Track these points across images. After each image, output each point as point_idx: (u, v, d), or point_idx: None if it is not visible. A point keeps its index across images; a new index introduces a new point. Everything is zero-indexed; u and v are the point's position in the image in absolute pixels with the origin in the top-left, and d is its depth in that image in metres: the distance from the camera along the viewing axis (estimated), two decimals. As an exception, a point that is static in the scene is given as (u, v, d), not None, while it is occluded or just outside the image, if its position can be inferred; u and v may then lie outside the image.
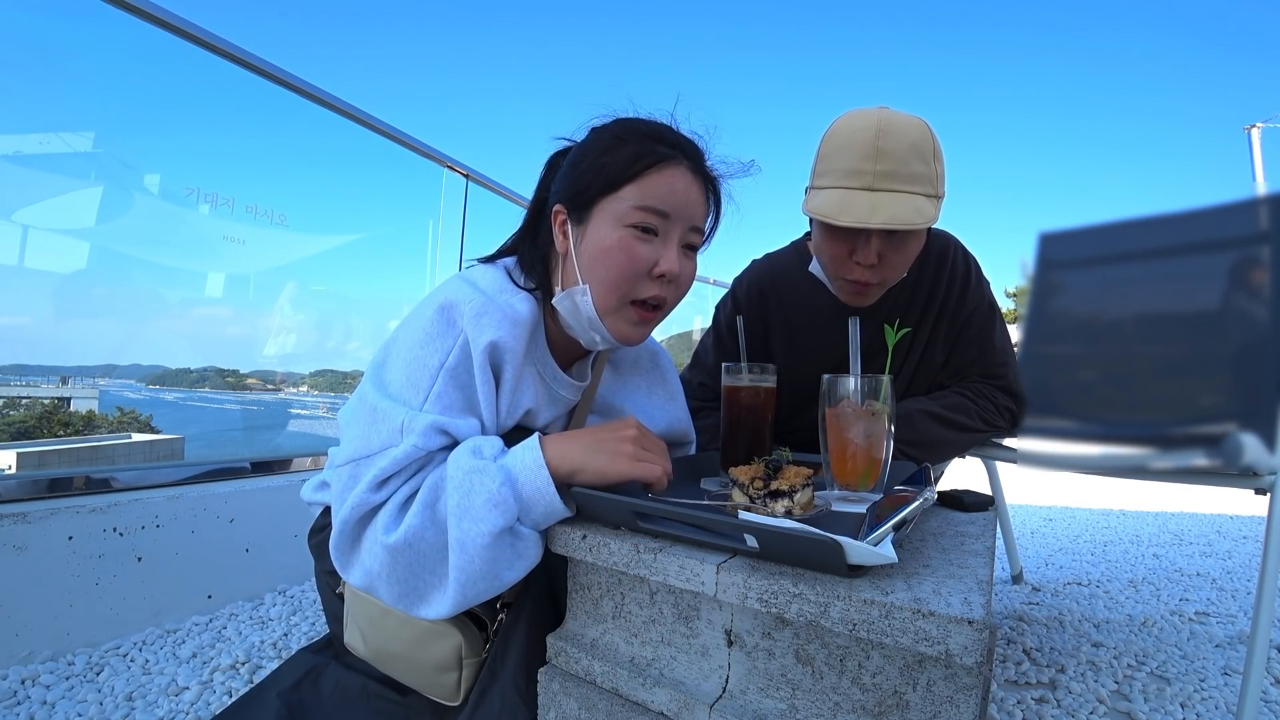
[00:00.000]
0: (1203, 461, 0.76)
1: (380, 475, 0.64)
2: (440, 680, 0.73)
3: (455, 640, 0.71)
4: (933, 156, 0.89)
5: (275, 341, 3.14)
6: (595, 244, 0.73)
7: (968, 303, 1.09)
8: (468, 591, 0.63)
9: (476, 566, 0.62)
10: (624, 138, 0.75)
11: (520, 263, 0.82)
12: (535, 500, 0.64)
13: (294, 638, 1.26)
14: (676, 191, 0.73)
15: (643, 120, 0.78)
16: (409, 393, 0.68)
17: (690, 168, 0.75)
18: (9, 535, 1.10)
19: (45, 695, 1.01)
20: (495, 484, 0.62)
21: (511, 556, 0.63)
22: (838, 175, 0.89)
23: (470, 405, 0.70)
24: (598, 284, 0.73)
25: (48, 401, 9.46)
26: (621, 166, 0.73)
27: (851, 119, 0.91)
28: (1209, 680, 1.18)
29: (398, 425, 0.65)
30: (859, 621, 0.48)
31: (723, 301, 1.23)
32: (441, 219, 2.50)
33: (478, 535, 0.61)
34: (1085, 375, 0.81)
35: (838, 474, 0.71)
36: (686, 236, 0.76)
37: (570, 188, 0.76)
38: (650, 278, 0.74)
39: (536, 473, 0.64)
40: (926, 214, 0.87)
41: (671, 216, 0.73)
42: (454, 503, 0.62)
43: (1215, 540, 2.50)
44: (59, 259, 1.88)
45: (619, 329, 0.75)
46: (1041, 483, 3.90)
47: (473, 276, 0.77)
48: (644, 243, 0.73)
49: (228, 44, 1.57)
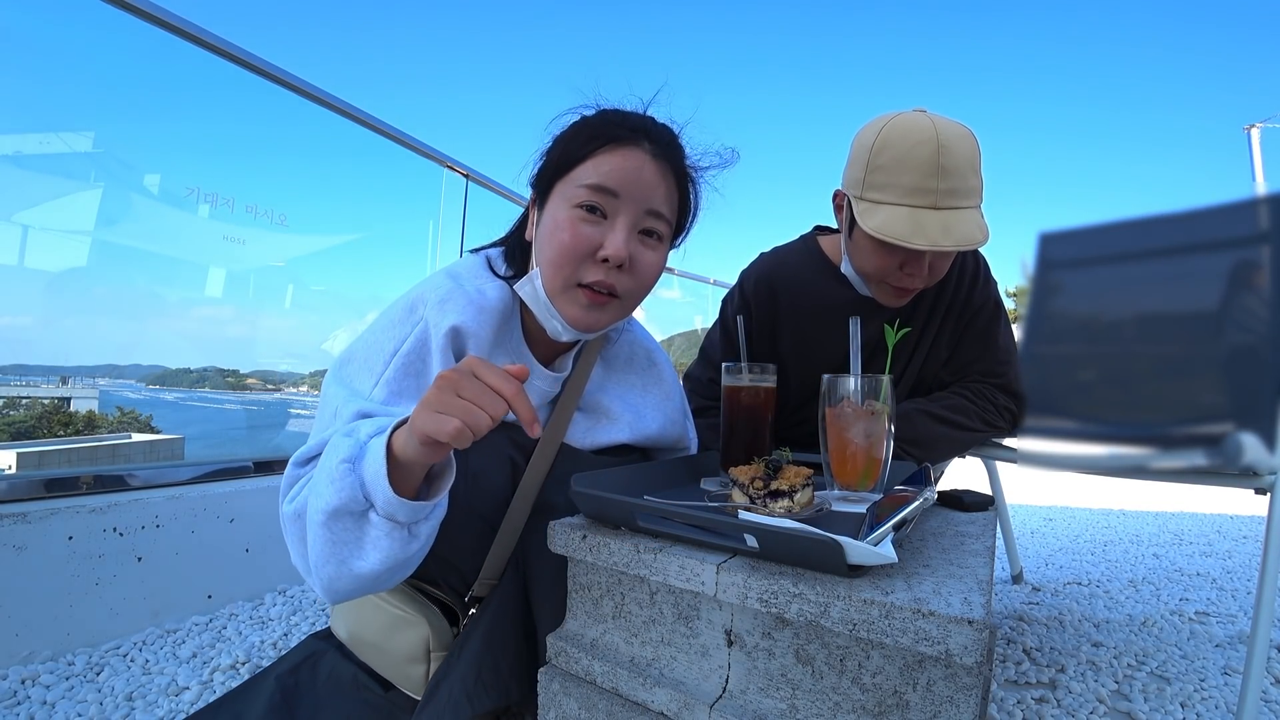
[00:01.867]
0: (1203, 461, 0.76)
1: (305, 454, 0.65)
2: (410, 672, 0.73)
3: (423, 631, 0.71)
4: (979, 166, 0.91)
5: (275, 341, 3.14)
6: (547, 225, 0.73)
7: (974, 301, 1.10)
8: (322, 573, 0.58)
9: (319, 548, 0.57)
10: (589, 121, 0.75)
11: (505, 251, 0.82)
12: (375, 483, 0.56)
13: (294, 638, 1.26)
14: (627, 170, 0.71)
15: (617, 109, 0.77)
16: (362, 378, 0.68)
17: (652, 151, 0.73)
18: (9, 535, 1.10)
19: (45, 695, 1.01)
20: (337, 459, 0.57)
21: (356, 543, 0.57)
22: (900, 192, 0.89)
23: (422, 393, 0.69)
24: (545, 265, 0.72)
25: (48, 401, 9.45)
26: (577, 146, 0.72)
27: (905, 130, 0.90)
28: (1209, 680, 1.18)
29: (333, 411, 0.66)
30: (859, 621, 0.48)
31: (730, 295, 1.23)
32: (441, 219, 2.50)
33: (315, 512, 0.57)
34: (1085, 375, 0.81)
35: (838, 474, 0.71)
36: (643, 221, 0.73)
37: (536, 172, 0.76)
38: (595, 260, 0.71)
39: (376, 452, 0.56)
40: (985, 228, 0.89)
41: (621, 196, 0.70)
42: (313, 476, 0.60)
43: (1215, 540, 2.50)
44: (59, 259, 1.88)
45: (569, 312, 0.72)
46: (1041, 483, 3.90)
47: (452, 266, 0.78)
48: (589, 224, 0.70)
49: (228, 44, 1.57)
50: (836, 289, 1.09)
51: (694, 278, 4.70)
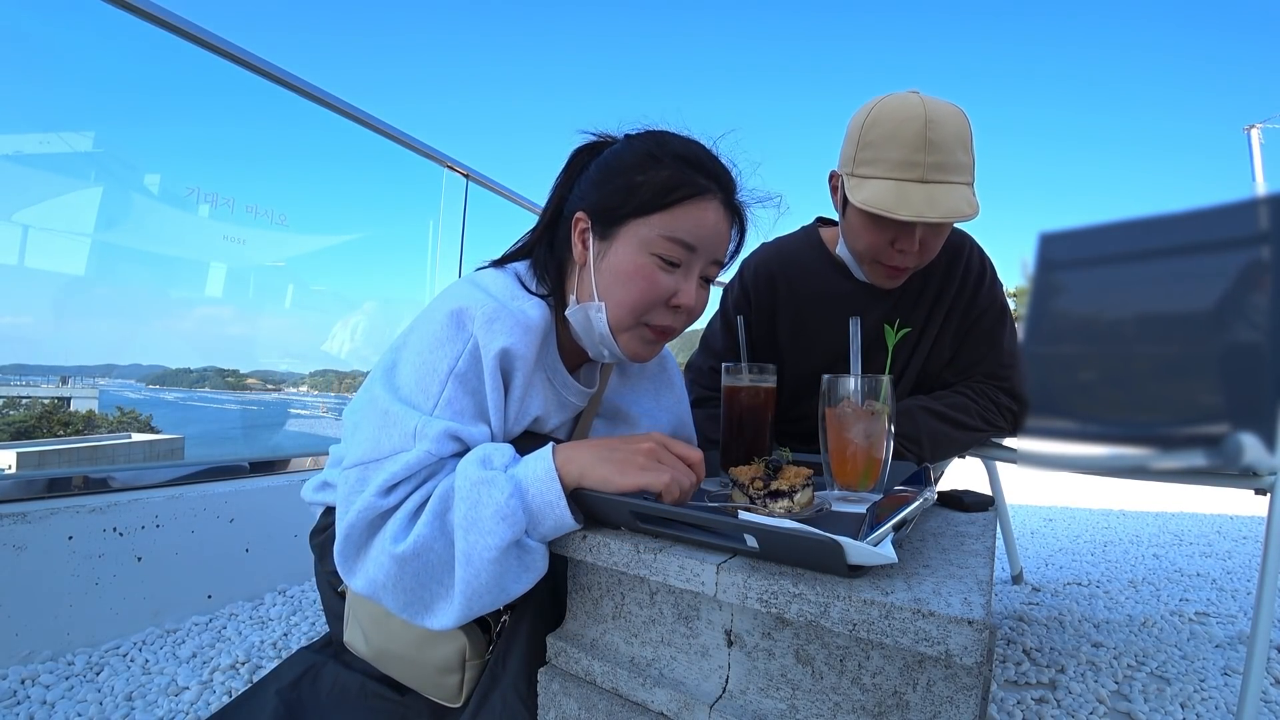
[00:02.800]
0: (1203, 461, 0.76)
1: (390, 480, 0.63)
2: (443, 682, 0.73)
3: (459, 642, 0.71)
4: (971, 144, 0.92)
5: (275, 341, 3.14)
6: (618, 264, 0.72)
7: (979, 302, 1.10)
8: (473, 604, 0.61)
9: (483, 580, 0.60)
10: (660, 158, 0.73)
11: (534, 265, 0.80)
12: (544, 513, 0.62)
13: (294, 638, 1.26)
14: (706, 226, 0.73)
15: (678, 138, 0.77)
16: (419, 397, 0.67)
17: (723, 201, 0.75)
18: (9, 535, 1.10)
19: (45, 695, 1.01)
20: (503, 496, 0.60)
21: (519, 570, 0.62)
22: (888, 166, 0.90)
23: (480, 411, 0.69)
24: (614, 304, 0.73)
25: (48, 401, 9.45)
26: (656, 193, 0.71)
27: (894, 107, 0.91)
28: (1209, 680, 1.18)
29: (410, 430, 0.64)
30: (859, 621, 0.48)
31: (730, 284, 1.23)
32: (441, 219, 2.50)
33: (485, 549, 0.60)
34: (1085, 375, 0.81)
35: (838, 474, 0.71)
36: (707, 269, 0.76)
37: (598, 200, 0.74)
38: (667, 306, 0.74)
39: (548, 485, 0.62)
40: (974, 204, 0.89)
41: (698, 250, 0.73)
42: (461, 514, 0.61)
43: (1215, 540, 2.50)
44: (59, 259, 1.88)
45: (631, 348, 0.75)
46: (1041, 483, 3.90)
47: (482, 281, 0.76)
48: (666, 273, 0.72)
49: (229, 44, 1.57)
50: (836, 279, 1.10)
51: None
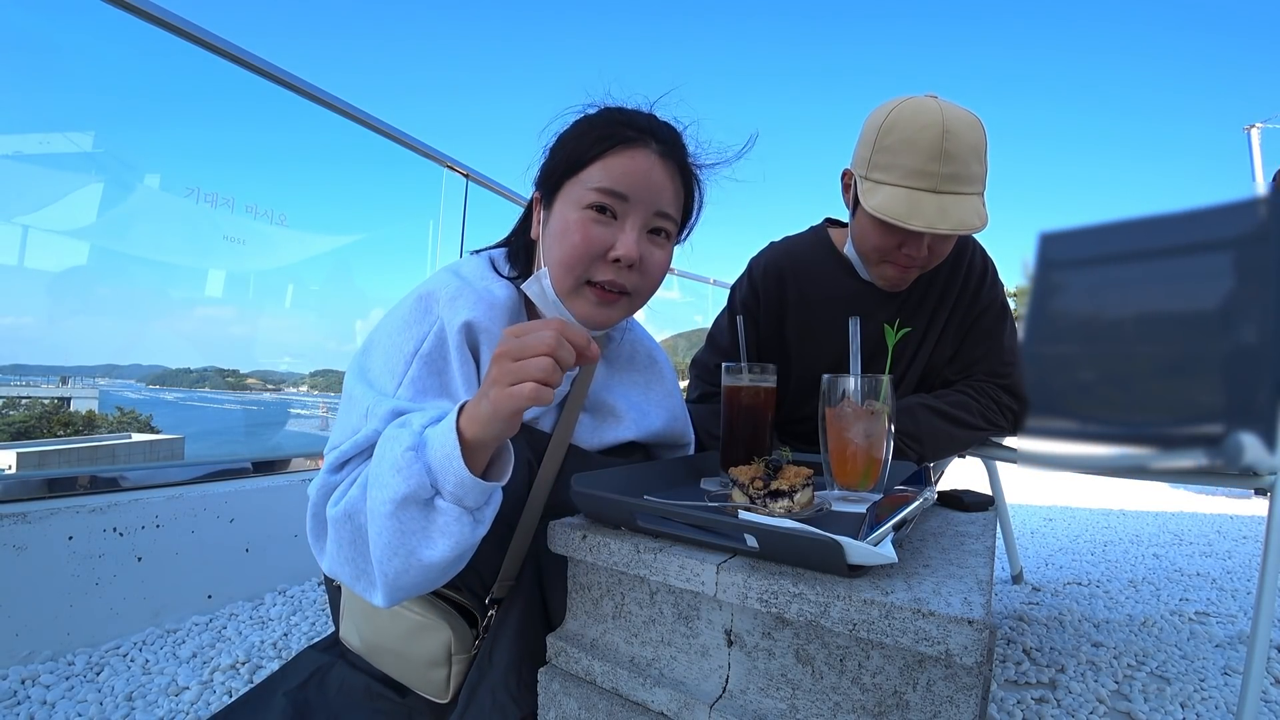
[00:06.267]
0: (1203, 461, 0.76)
1: (340, 458, 0.64)
2: (430, 676, 0.73)
3: (445, 635, 0.71)
4: (985, 154, 0.92)
5: (275, 341, 3.14)
6: (556, 226, 0.73)
7: (981, 300, 1.11)
8: (385, 569, 0.59)
9: (384, 539, 0.57)
10: (594, 121, 0.75)
11: (508, 252, 0.83)
12: (444, 468, 0.56)
13: (294, 638, 1.26)
14: (637, 173, 0.72)
15: (621, 108, 0.78)
16: (385, 379, 0.68)
17: (660, 151, 0.74)
18: (9, 535, 1.10)
19: (45, 695, 1.01)
20: (400, 448, 0.57)
21: (423, 531, 0.57)
22: (902, 173, 0.90)
23: (446, 390, 0.69)
24: (554, 265, 0.73)
25: (48, 401, 9.45)
26: (585, 147, 0.73)
27: (913, 113, 0.91)
28: (1209, 680, 1.18)
29: (364, 411, 0.66)
30: (859, 621, 0.48)
31: (739, 282, 1.23)
32: (442, 219, 2.50)
33: (381, 503, 0.57)
34: (1085, 375, 0.81)
35: (838, 474, 0.71)
36: (652, 221, 0.75)
37: (541, 172, 0.77)
38: (606, 261, 0.73)
39: (445, 436, 0.57)
40: (984, 215, 0.90)
41: (631, 199, 0.72)
42: (371, 471, 0.60)
43: (1215, 540, 2.50)
44: (59, 259, 1.88)
45: (581, 310, 0.74)
46: (1041, 483, 3.90)
47: (456, 266, 0.79)
48: (601, 225, 0.72)
49: (228, 44, 1.57)
50: (845, 279, 1.10)
51: (694, 278, 4.71)
